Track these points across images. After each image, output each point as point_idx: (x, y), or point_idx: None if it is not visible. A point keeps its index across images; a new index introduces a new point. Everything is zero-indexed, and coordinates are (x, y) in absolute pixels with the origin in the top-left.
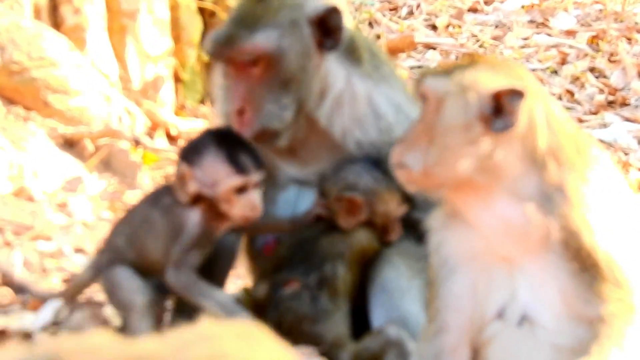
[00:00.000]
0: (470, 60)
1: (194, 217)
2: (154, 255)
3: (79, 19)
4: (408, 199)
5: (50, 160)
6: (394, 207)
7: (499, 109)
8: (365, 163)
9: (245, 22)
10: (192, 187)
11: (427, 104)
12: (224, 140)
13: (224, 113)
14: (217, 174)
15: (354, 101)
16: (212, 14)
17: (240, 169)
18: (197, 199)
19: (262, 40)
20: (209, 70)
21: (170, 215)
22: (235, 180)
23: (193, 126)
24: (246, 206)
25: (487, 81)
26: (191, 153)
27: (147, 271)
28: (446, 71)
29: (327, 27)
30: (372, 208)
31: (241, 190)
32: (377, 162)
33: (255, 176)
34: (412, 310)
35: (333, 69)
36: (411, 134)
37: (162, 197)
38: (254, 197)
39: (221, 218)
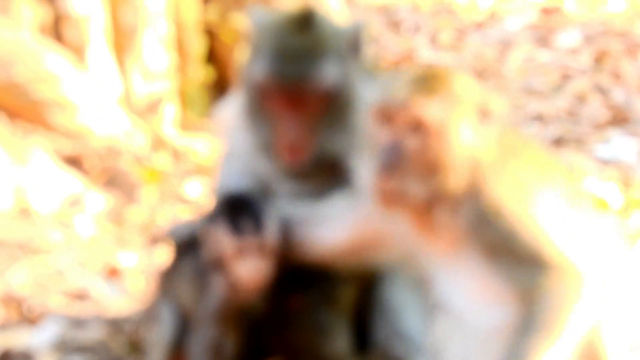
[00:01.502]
0: (432, 73)
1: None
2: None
3: (81, 36)
4: None
5: (52, 177)
6: None
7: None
8: None
9: (303, 53)
10: (214, 252)
11: (423, 130)
12: (233, 204)
13: (262, 133)
14: (217, 236)
15: None
16: (216, 31)
17: (237, 230)
18: (215, 267)
19: (329, 69)
20: (213, 88)
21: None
22: (231, 243)
23: (196, 143)
24: (244, 274)
25: (473, 92)
26: (208, 217)
27: None
28: (432, 92)
29: (356, 45)
30: None
31: (240, 254)
32: None
33: (255, 240)
34: (413, 324)
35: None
36: (406, 160)
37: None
38: (253, 265)
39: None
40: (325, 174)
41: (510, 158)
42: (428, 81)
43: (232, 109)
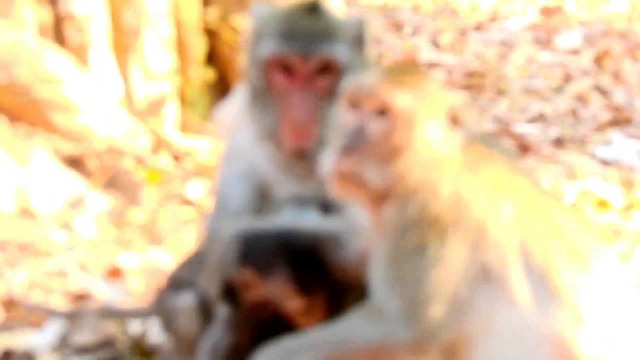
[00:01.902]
0: (407, 68)
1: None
2: None
3: (82, 37)
4: None
5: (53, 178)
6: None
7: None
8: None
9: (313, 33)
10: (255, 297)
11: (390, 117)
12: (297, 258)
13: (268, 116)
14: (284, 292)
15: None
16: (216, 32)
17: (307, 291)
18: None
19: (341, 50)
20: (214, 89)
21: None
22: (300, 302)
23: (197, 144)
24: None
25: (444, 96)
26: (260, 262)
27: None
28: (403, 82)
29: (360, 39)
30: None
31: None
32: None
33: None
34: None
35: None
36: (367, 144)
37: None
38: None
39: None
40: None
41: (468, 172)
42: (402, 73)
43: (234, 108)
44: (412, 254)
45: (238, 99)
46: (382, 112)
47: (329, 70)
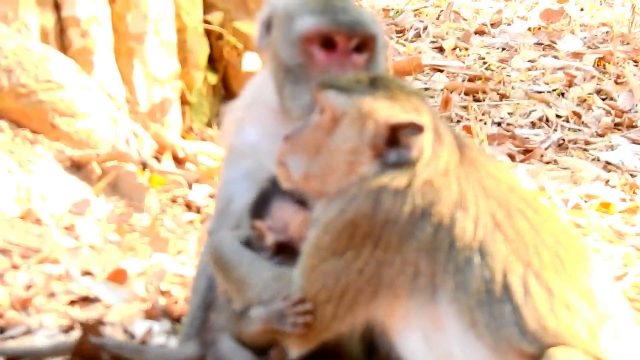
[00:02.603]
0: (373, 80)
1: None
2: None
3: (86, 42)
4: None
5: (57, 183)
6: None
7: (394, 141)
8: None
9: (357, 11)
10: (270, 239)
11: (324, 115)
12: (281, 188)
13: (305, 92)
14: (285, 216)
15: None
16: (219, 36)
17: (303, 205)
18: (279, 250)
19: (378, 30)
20: (217, 94)
21: None
22: (301, 215)
23: (200, 149)
24: None
25: (386, 111)
26: (259, 208)
27: None
28: (348, 87)
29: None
30: None
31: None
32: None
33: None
34: None
35: None
36: (300, 136)
37: None
38: None
39: None
40: None
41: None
42: (360, 81)
43: (241, 106)
44: (324, 255)
45: (246, 97)
46: (322, 108)
47: (367, 47)
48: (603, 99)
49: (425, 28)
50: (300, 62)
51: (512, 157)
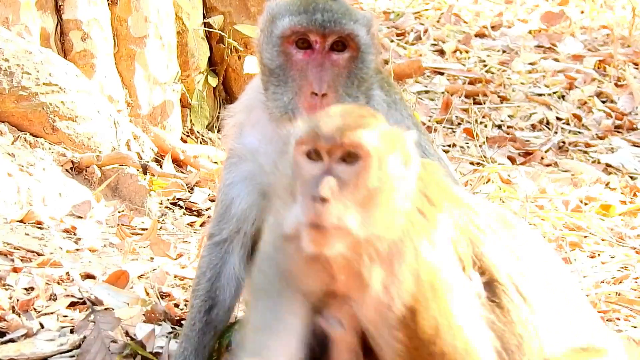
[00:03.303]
0: (353, 110)
1: None
2: None
3: (87, 45)
4: None
5: (58, 186)
6: None
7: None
8: None
9: (331, 10)
10: None
11: (364, 161)
12: None
13: (285, 93)
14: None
15: None
16: (220, 39)
17: None
18: None
19: (360, 30)
20: (218, 96)
21: None
22: None
23: (201, 152)
24: None
25: (399, 131)
26: None
27: None
28: (367, 125)
29: (373, 37)
30: None
31: None
32: None
33: None
34: None
35: (375, 85)
36: (340, 192)
37: None
38: None
39: None
40: None
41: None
42: (358, 116)
43: (241, 108)
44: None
45: (245, 100)
46: (351, 156)
47: (347, 47)
48: (603, 102)
49: (425, 31)
50: (280, 63)
51: (512, 159)
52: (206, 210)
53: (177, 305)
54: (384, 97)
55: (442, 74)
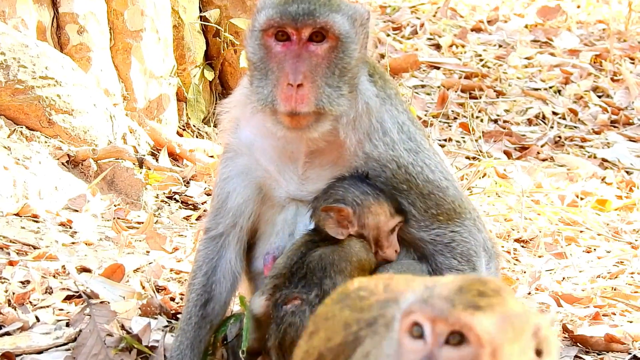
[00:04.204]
0: (480, 285)
1: None
2: None
3: (83, 39)
4: (402, 212)
5: (54, 179)
6: (384, 219)
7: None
8: (353, 179)
9: (315, 2)
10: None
11: (472, 346)
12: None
13: (265, 86)
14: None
15: (369, 115)
16: (216, 33)
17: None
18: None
19: (338, 20)
20: (214, 90)
21: None
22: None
23: (197, 145)
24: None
25: (530, 316)
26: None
27: None
28: (485, 307)
29: (364, 29)
30: (362, 220)
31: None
32: (367, 177)
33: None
34: None
35: (363, 78)
36: None
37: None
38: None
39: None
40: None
41: None
42: (477, 293)
43: (235, 103)
44: None
45: (239, 95)
46: (458, 339)
47: (326, 37)
48: (599, 96)
49: (422, 25)
50: (262, 56)
51: (508, 154)
52: (202, 204)
53: (173, 299)
54: (376, 92)
55: (438, 68)
